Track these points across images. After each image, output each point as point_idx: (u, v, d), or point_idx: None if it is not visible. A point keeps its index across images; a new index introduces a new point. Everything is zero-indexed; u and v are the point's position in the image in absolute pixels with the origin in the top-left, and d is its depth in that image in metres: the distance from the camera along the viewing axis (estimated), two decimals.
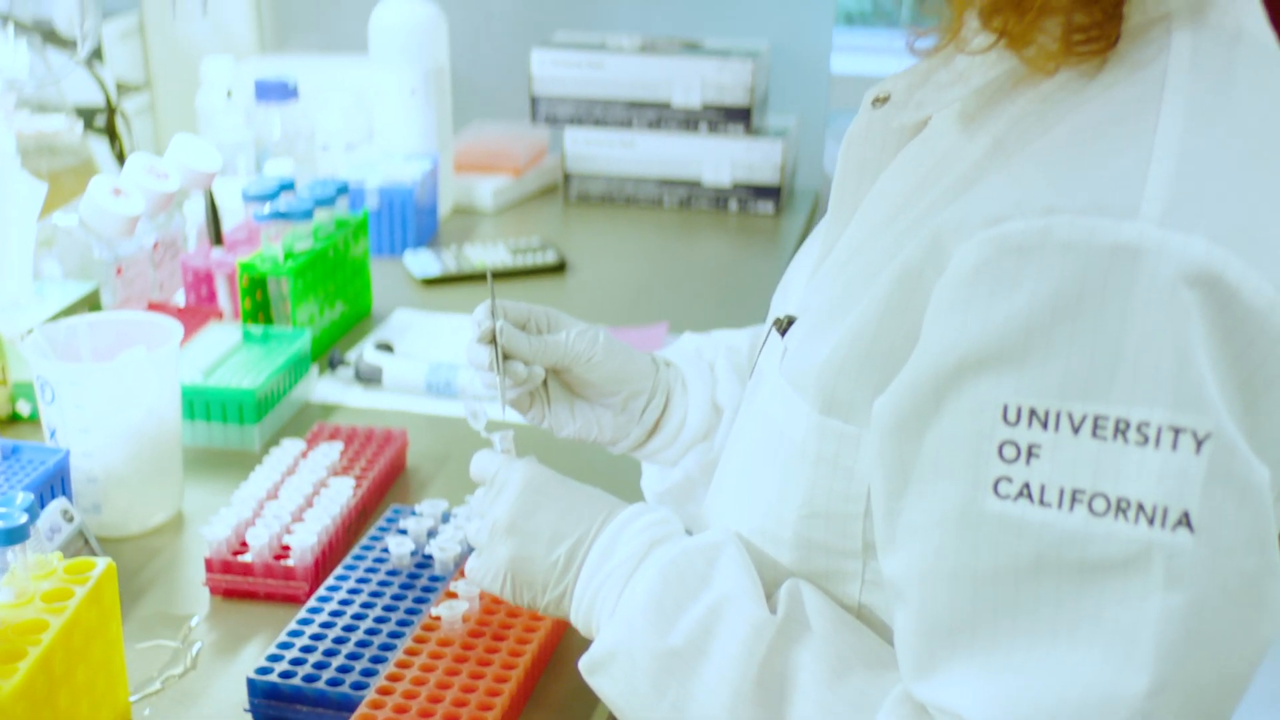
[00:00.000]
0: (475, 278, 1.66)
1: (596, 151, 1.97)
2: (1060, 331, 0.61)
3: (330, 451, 1.16)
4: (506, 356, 0.95)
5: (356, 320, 1.54)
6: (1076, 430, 0.61)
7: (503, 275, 1.67)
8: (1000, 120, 0.71)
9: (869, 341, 0.70)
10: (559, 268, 1.69)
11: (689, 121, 1.93)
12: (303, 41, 2.21)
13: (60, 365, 1.07)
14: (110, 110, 1.87)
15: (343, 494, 1.09)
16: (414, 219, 1.75)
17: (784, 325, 0.81)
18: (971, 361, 0.63)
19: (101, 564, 0.86)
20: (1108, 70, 0.68)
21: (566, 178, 1.99)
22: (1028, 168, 0.65)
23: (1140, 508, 0.60)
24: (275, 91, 1.85)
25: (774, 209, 1.93)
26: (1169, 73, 0.66)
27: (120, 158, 1.89)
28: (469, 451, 1.26)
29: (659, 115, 1.94)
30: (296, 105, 1.86)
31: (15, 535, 0.82)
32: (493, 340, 0.94)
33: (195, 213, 1.59)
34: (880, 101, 0.82)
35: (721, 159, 1.92)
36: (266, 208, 1.43)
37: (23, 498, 0.85)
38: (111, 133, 1.88)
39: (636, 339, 1.44)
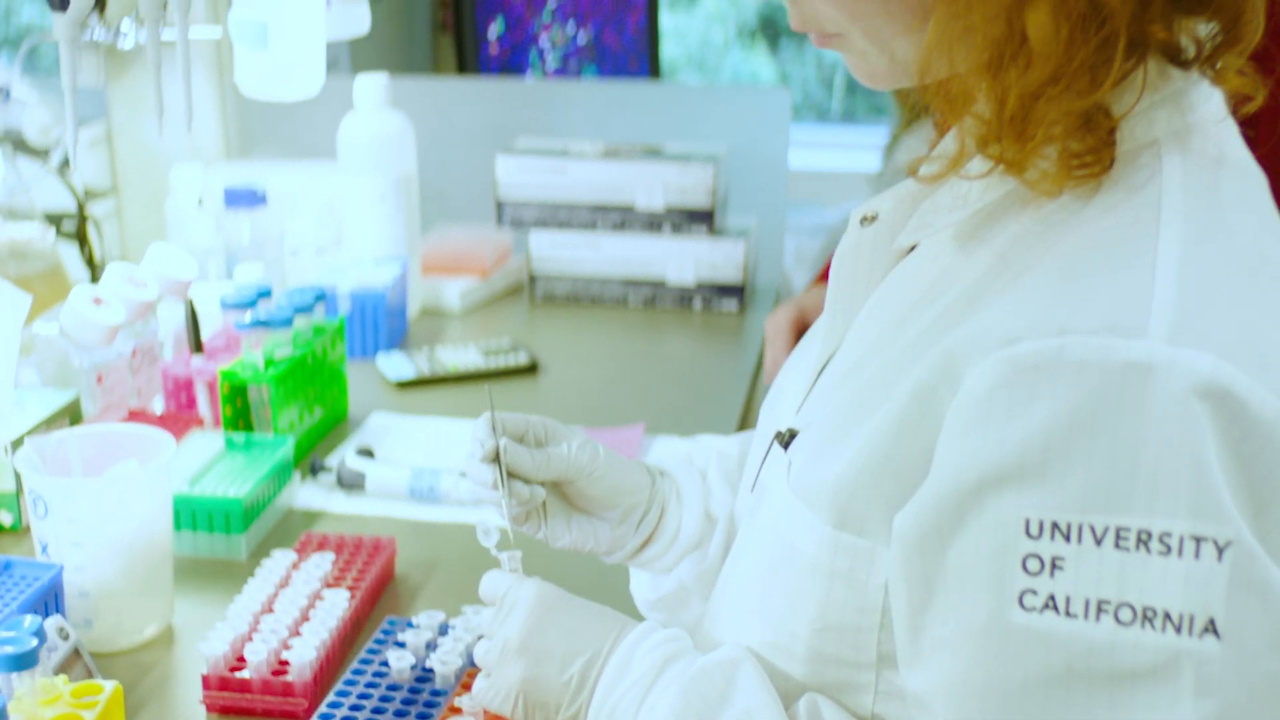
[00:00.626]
0: (449, 380, 1.66)
1: (562, 253, 1.99)
2: (1078, 446, 0.62)
3: (322, 562, 1.15)
4: (510, 474, 0.94)
5: (334, 424, 1.54)
6: (1099, 542, 0.62)
7: (475, 377, 1.67)
8: (1000, 239, 0.73)
9: (883, 458, 0.71)
10: (531, 369, 1.70)
11: (652, 223, 1.95)
12: (268, 148, 2.22)
13: (53, 480, 1.06)
14: (81, 216, 1.87)
15: (338, 606, 1.08)
16: (386, 322, 1.75)
17: (786, 439, 0.82)
18: (992, 477, 0.64)
19: (108, 688, 0.85)
20: (1104, 192, 0.70)
21: (532, 279, 2.00)
22: (1036, 288, 0.67)
23: (1167, 616, 0.61)
24: (244, 198, 1.85)
25: (738, 306, 1.95)
26: (1164, 195, 0.68)
27: (90, 263, 1.89)
28: (457, 559, 1.27)
29: (623, 217, 1.96)
30: (265, 211, 1.87)
31: (24, 661, 0.81)
32: (496, 459, 0.94)
33: (170, 319, 1.58)
34: (868, 220, 0.84)
35: (685, 259, 1.94)
36: (248, 315, 1.43)
37: (30, 620, 0.84)
38: (81, 238, 1.87)
39: (614, 440, 1.44)
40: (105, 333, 1.39)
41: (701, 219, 1.93)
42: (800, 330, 1.65)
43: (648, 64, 3.39)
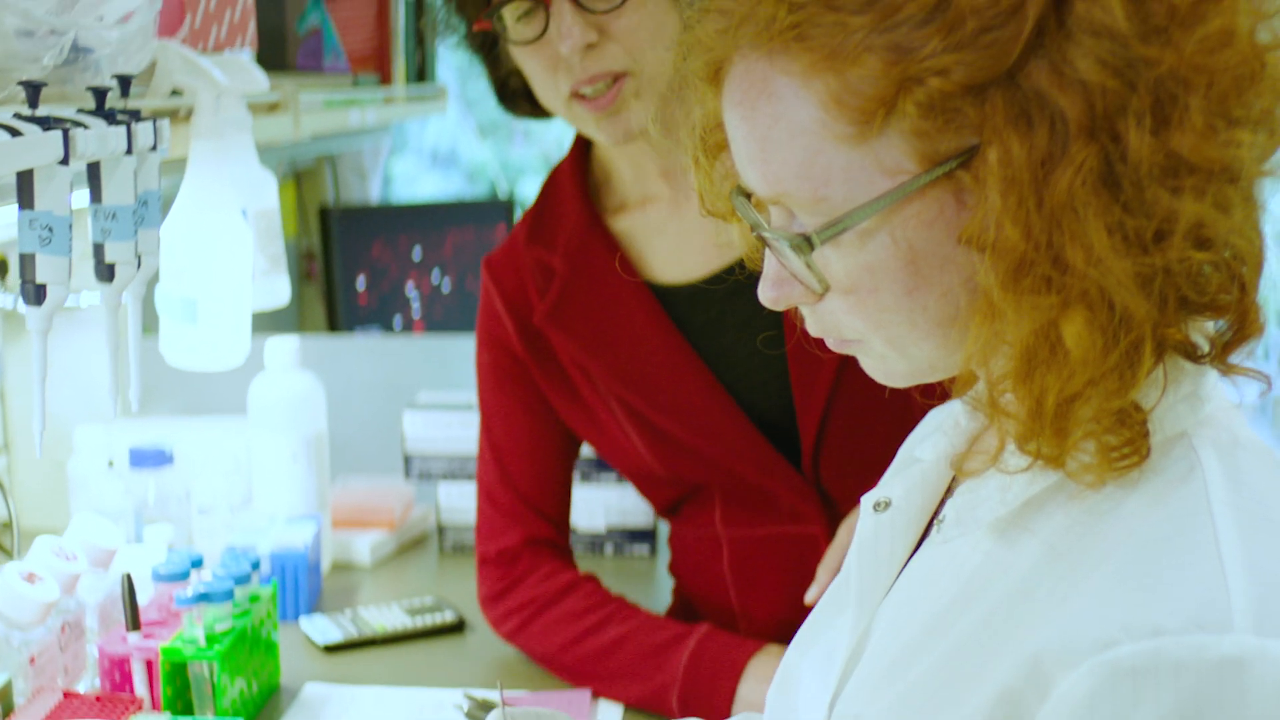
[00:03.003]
0: (377, 642, 1.61)
1: (470, 504, 1.96)
2: None
3: None
4: None
5: (267, 697, 1.47)
6: None
7: (404, 638, 1.62)
8: (1045, 528, 0.74)
9: None
10: (458, 627, 1.66)
11: None
12: (166, 404, 2.16)
13: None
14: None
15: None
16: (307, 582, 1.70)
17: None
18: None
19: None
20: (1146, 481, 0.72)
21: (441, 529, 1.97)
22: (1111, 587, 0.68)
23: None
24: (151, 458, 1.80)
25: (649, 551, 1.95)
26: (1209, 487, 0.71)
27: None
28: None
29: None
30: (170, 469, 1.82)
31: None
32: None
33: (94, 591, 1.50)
34: (882, 506, 0.86)
35: (595, 505, 1.94)
36: (188, 587, 1.37)
37: None
38: None
39: (560, 703, 1.41)
40: (40, 610, 1.32)
41: (610, 466, 1.94)
42: None
43: None
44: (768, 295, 0.80)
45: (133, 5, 1.31)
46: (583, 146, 1.51)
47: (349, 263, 3.40)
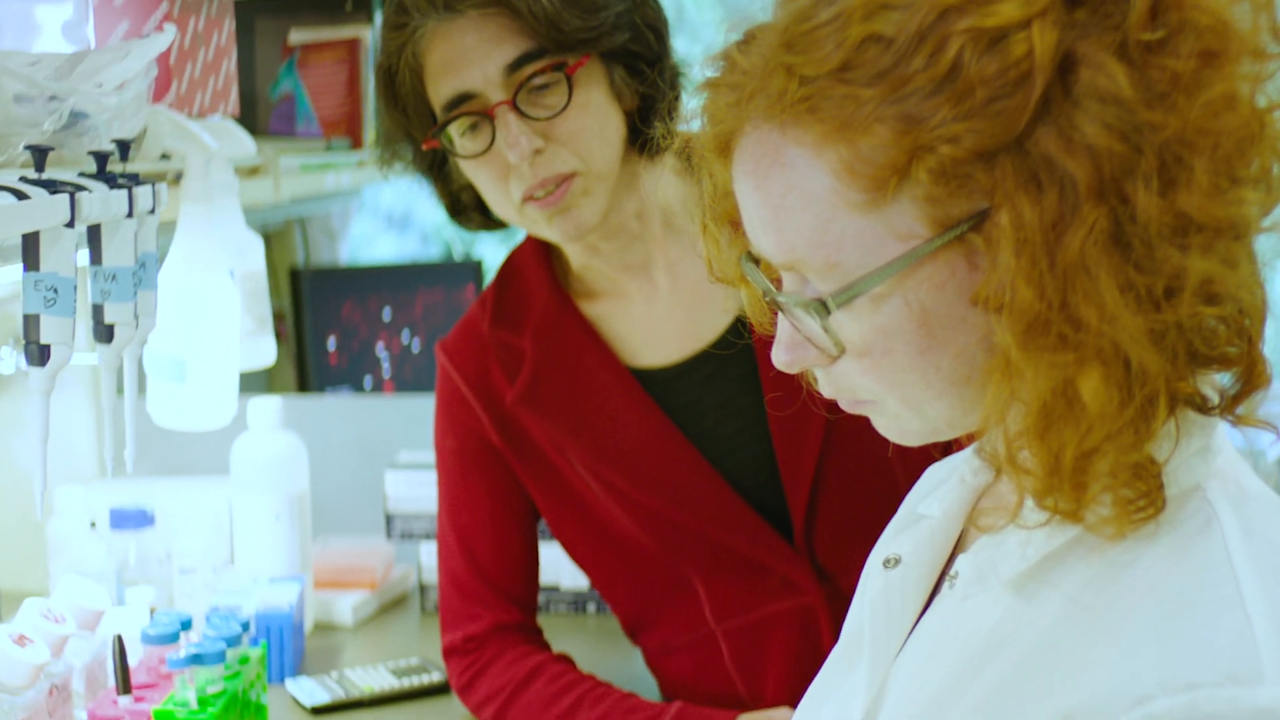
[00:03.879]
0: (365, 704, 1.60)
1: None
2: None
3: None
4: None
5: None
6: None
7: (393, 699, 1.61)
8: (1066, 583, 0.75)
9: None
10: (444, 688, 1.65)
11: (543, 531, 1.94)
12: (144, 464, 2.14)
13: None
14: None
15: None
16: (292, 643, 1.68)
17: None
18: None
19: None
20: (1165, 534, 0.74)
21: (423, 589, 1.96)
22: (1142, 643, 0.69)
23: None
24: (133, 519, 1.78)
25: None
26: (1228, 539, 0.72)
27: None
28: None
29: None
30: (151, 530, 1.80)
31: None
32: None
33: (81, 653, 1.49)
34: (892, 563, 0.87)
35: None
36: (181, 651, 1.36)
37: None
38: None
39: None
40: (31, 672, 1.30)
41: None
42: None
43: None
44: (781, 359, 0.81)
45: (129, 73, 1.31)
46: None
47: (320, 323, 3.39)
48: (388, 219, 4.17)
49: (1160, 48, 0.70)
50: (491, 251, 3.87)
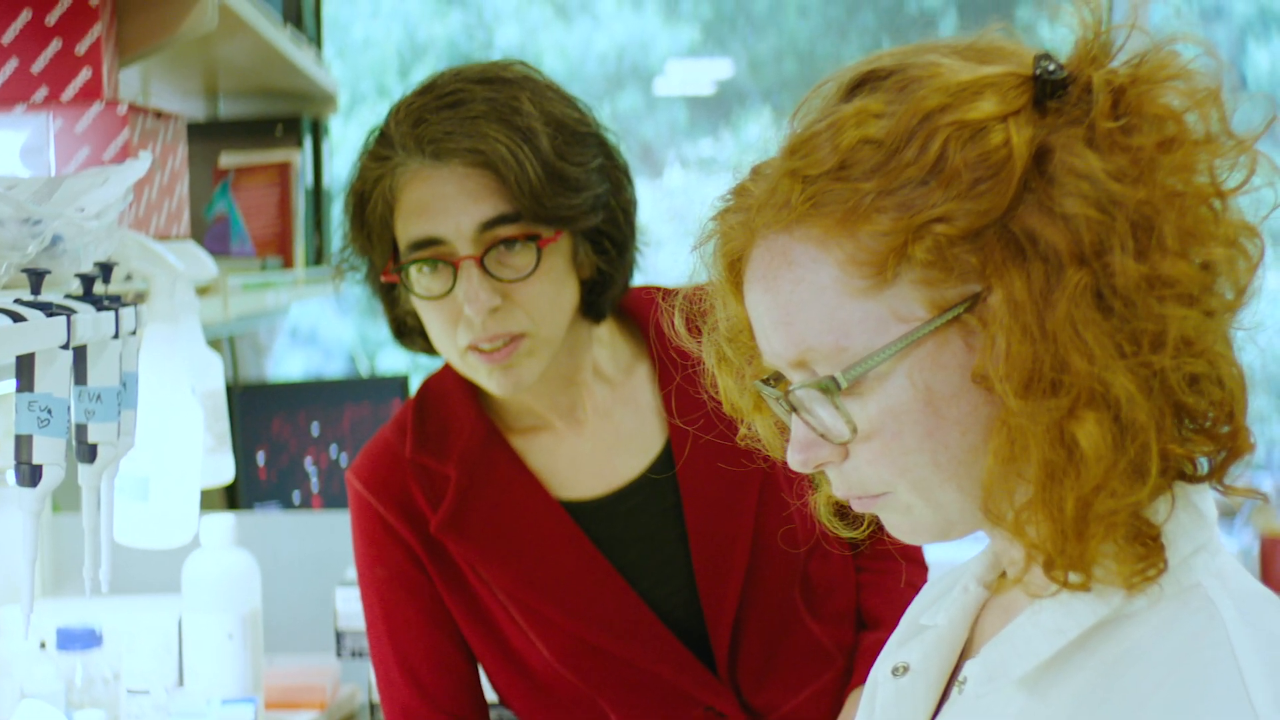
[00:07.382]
0: None
1: None
2: None
3: None
4: None
5: None
6: None
7: None
8: (1075, 679, 0.78)
9: None
10: None
11: None
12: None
13: None
14: None
15: None
16: None
17: None
18: None
19: None
20: (1169, 629, 0.77)
21: (372, 708, 1.92)
22: None
23: None
24: (81, 639, 1.73)
25: None
26: (1231, 636, 0.76)
27: None
28: None
29: None
30: (99, 651, 1.75)
31: None
32: None
33: None
34: (901, 671, 0.88)
35: None
36: None
37: None
38: None
39: None
40: None
41: None
42: None
43: None
44: (796, 459, 0.84)
45: (110, 198, 1.31)
46: None
47: (249, 438, 3.34)
48: (292, 334, 4.16)
49: (1123, 134, 0.77)
50: (393, 363, 3.84)
